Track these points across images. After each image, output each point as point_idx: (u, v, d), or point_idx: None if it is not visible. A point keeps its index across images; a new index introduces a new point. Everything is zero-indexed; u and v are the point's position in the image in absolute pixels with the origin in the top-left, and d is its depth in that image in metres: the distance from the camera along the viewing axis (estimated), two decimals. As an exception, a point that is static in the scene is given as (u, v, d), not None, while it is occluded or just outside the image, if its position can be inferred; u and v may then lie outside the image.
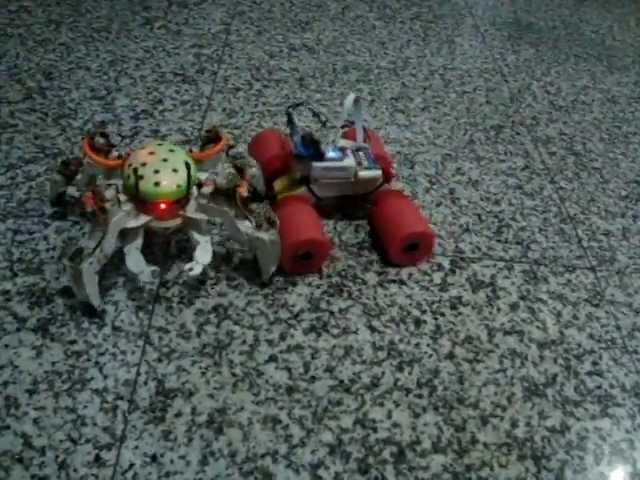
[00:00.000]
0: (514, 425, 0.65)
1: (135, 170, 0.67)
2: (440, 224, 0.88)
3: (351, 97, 0.79)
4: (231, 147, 0.77)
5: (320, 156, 0.79)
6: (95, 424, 0.59)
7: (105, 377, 0.63)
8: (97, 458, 0.57)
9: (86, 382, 0.62)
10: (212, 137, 0.76)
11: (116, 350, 0.66)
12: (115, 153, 0.73)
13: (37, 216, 0.79)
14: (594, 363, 0.72)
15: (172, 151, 0.70)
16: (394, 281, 0.78)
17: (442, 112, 1.12)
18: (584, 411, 0.67)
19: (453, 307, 0.76)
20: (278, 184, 0.82)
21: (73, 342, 0.66)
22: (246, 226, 0.70)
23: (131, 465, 0.57)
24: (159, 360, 0.65)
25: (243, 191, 0.70)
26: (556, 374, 0.70)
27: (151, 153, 0.69)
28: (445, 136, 1.06)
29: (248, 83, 1.12)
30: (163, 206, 0.68)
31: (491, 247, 0.85)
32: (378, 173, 0.82)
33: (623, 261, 0.87)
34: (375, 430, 0.62)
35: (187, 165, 0.68)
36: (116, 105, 1.02)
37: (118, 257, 0.75)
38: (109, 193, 0.66)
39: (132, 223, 0.68)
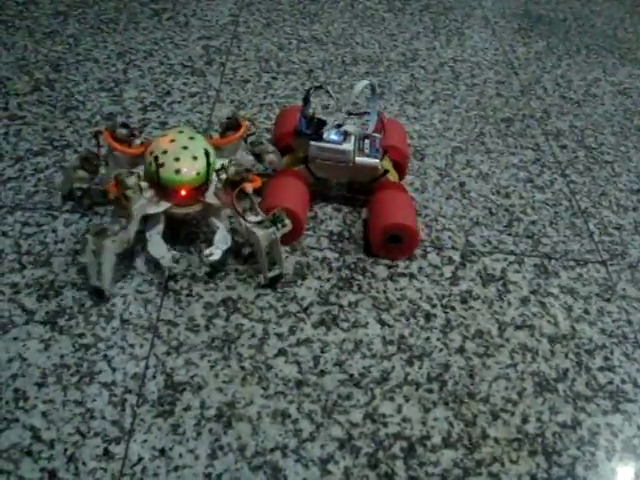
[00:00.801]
0: (525, 420, 0.64)
1: (156, 158, 0.69)
2: (450, 217, 0.87)
3: (361, 84, 0.79)
4: (251, 134, 0.79)
5: (319, 136, 0.80)
6: (104, 417, 0.59)
7: (114, 370, 0.63)
8: (106, 452, 0.57)
9: (95, 375, 0.62)
10: (232, 124, 0.78)
11: (124, 343, 0.65)
12: (137, 142, 0.74)
13: (45, 208, 0.79)
14: (605, 358, 0.72)
15: (192, 138, 0.71)
16: (404, 274, 0.77)
17: (452, 104, 1.12)
18: (595, 407, 0.66)
19: (463, 301, 0.75)
20: (286, 160, 0.84)
21: (82, 335, 0.66)
22: (249, 220, 0.70)
23: (140, 459, 0.57)
24: (168, 353, 0.65)
25: (248, 187, 0.70)
26: (567, 369, 0.70)
27: (172, 141, 0.70)
28: (455, 129, 1.05)
29: (257, 75, 1.12)
30: (183, 193, 0.70)
31: (502, 241, 0.85)
32: (375, 162, 0.81)
33: (635, 255, 0.86)
34: (385, 425, 0.62)
35: (206, 153, 0.70)
36: (124, 97, 1.01)
37: (128, 251, 0.75)
38: (131, 181, 0.68)
39: (153, 209, 0.70)
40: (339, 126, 0.82)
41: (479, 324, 0.73)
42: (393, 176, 0.84)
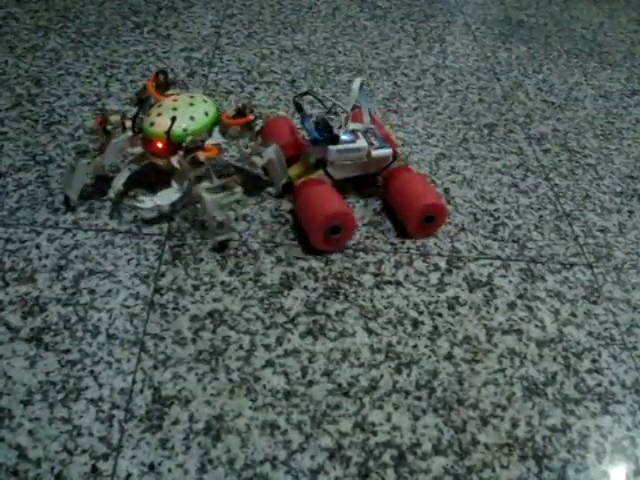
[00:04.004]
0: (515, 425, 0.64)
1: (140, 108, 0.79)
2: (435, 224, 0.87)
3: (357, 82, 0.82)
4: (261, 129, 0.88)
5: (335, 139, 0.82)
6: (91, 434, 0.58)
7: (100, 386, 0.62)
8: (94, 469, 0.56)
9: (81, 391, 0.62)
10: (242, 112, 0.83)
11: (111, 358, 0.65)
12: (171, 90, 0.85)
13: (28, 224, 0.78)
14: (593, 360, 0.72)
15: (192, 105, 0.79)
16: (390, 282, 0.77)
17: (435, 111, 1.12)
18: (585, 409, 0.67)
19: (450, 307, 0.75)
20: (293, 170, 0.85)
21: (67, 351, 0.65)
22: (200, 186, 0.74)
23: (128, 475, 0.56)
24: (155, 367, 0.65)
25: (201, 155, 0.76)
26: (556, 372, 0.70)
27: (174, 100, 0.79)
28: (439, 135, 1.06)
29: (239, 86, 1.12)
30: (160, 145, 0.77)
31: (487, 246, 0.85)
32: (389, 151, 0.85)
33: (620, 257, 0.86)
34: (375, 433, 0.62)
35: (173, 118, 0.76)
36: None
37: (110, 269, 0.74)
38: (113, 118, 0.78)
39: (129, 150, 0.80)
40: (344, 125, 0.84)
41: (467, 330, 0.73)
42: None
